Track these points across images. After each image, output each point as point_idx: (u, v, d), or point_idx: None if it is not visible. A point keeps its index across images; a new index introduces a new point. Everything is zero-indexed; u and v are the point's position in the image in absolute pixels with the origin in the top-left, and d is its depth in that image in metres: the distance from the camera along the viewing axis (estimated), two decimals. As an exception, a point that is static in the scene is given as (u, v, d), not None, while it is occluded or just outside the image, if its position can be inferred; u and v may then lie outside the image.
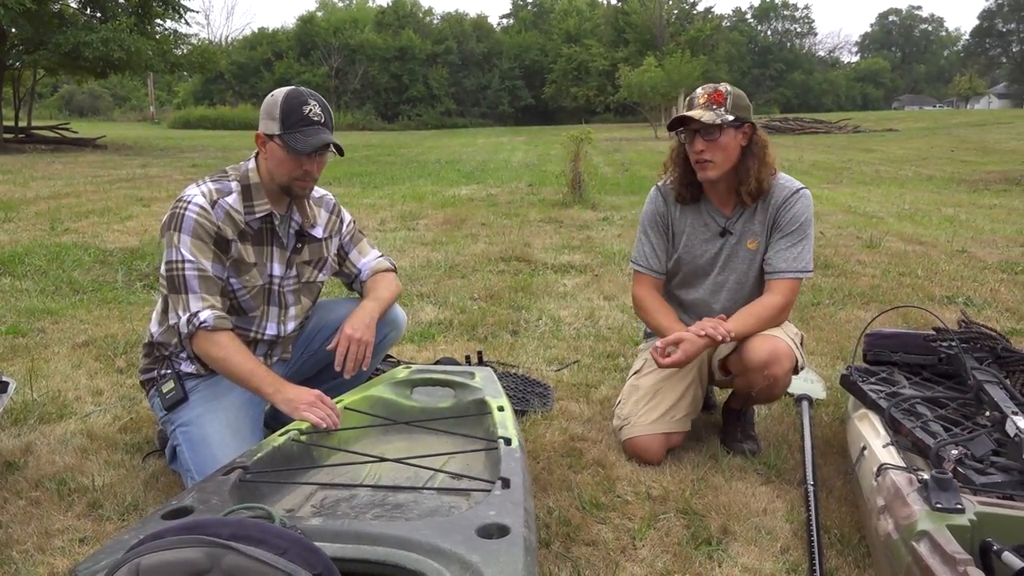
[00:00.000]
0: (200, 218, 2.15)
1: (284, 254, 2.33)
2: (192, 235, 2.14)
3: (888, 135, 26.20)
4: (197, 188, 2.21)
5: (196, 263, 2.14)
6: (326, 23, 58.47)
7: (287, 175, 2.19)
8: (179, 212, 2.16)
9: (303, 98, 2.15)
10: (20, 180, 11.48)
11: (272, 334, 2.36)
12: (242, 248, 2.24)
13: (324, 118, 2.16)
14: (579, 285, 5.09)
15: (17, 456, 2.48)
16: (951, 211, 8.60)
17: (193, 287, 2.13)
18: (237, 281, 2.25)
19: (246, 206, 2.23)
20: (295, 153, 2.13)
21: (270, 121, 2.16)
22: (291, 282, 2.37)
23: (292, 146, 2.12)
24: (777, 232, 2.49)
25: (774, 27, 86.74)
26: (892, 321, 3.97)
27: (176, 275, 2.14)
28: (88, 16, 20.82)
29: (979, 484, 1.76)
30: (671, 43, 43.28)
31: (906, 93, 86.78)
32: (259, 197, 2.24)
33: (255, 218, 2.24)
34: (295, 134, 2.12)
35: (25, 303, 4.37)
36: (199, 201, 2.17)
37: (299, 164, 2.17)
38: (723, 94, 2.38)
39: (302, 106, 2.13)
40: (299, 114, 2.12)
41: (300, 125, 2.12)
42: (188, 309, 2.12)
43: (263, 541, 1.16)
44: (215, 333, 2.12)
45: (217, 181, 2.24)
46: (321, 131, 2.15)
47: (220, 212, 2.19)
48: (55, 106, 55.77)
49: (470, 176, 13.31)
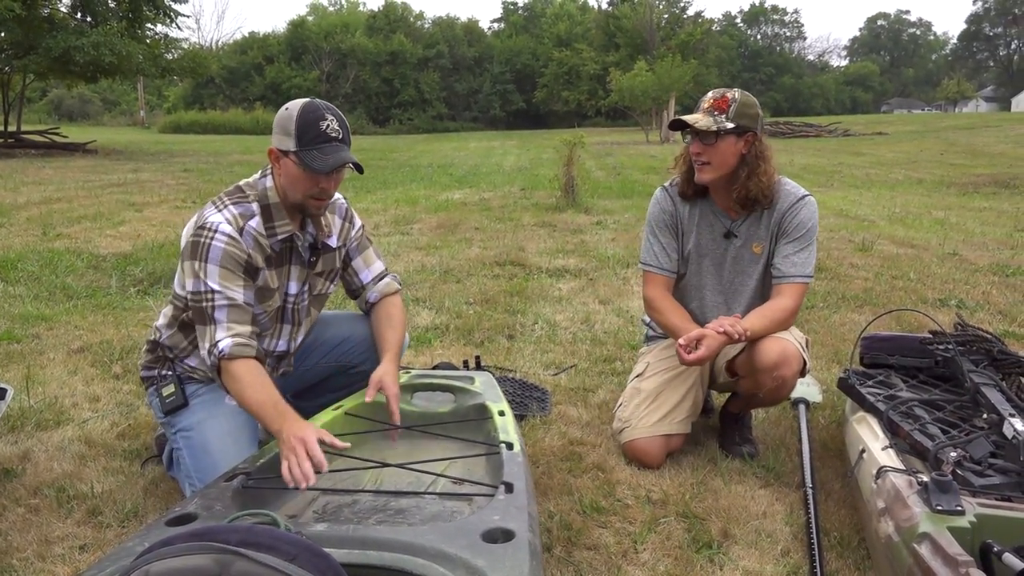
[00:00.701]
0: (230, 247, 2.05)
1: (302, 271, 2.26)
2: (221, 265, 2.04)
3: (878, 138, 26.34)
4: (220, 214, 2.09)
5: (225, 293, 2.04)
6: (317, 27, 58.40)
7: (302, 193, 2.08)
8: (206, 241, 2.04)
9: (320, 112, 2.03)
10: (10, 185, 11.42)
11: (282, 349, 2.33)
12: (268, 275, 2.16)
13: (342, 134, 2.06)
14: (574, 289, 5.10)
15: (15, 463, 2.47)
16: (942, 214, 8.66)
17: (220, 318, 2.03)
18: (259, 307, 2.18)
19: (268, 228, 2.13)
20: (312, 172, 2.02)
21: (284, 136, 2.04)
22: (305, 297, 2.31)
23: (309, 164, 2.01)
24: (784, 238, 2.50)
25: (764, 31, 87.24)
26: (886, 324, 3.99)
27: (204, 307, 2.03)
28: (78, 20, 20.74)
29: (978, 486, 1.78)
30: (662, 47, 43.43)
31: (895, 97, 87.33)
32: (280, 218, 2.15)
33: (277, 240, 2.15)
34: (312, 151, 2.01)
35: (19, 309, 4.35)
36: (226, 230, 2.06)
37: (315, 182, 2.06)
38: (728, 101, 2.39)
39: (319, 121, 2.02)
40: (316, 130, 2.01)
41: (317, 142, 2.01)
42: (212, 339, 2.02)
43: (273, 547, 1.16)
44: (232, 363, 2.00)
45: (238, 204, 2.12)
46: (339, 148, 2.05)
47: (248, 239, 2.09)
48: (44, 110, 55.43)
49: (463, 180, 13.32)
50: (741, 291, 2.59)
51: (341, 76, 54.39)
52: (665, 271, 2.61)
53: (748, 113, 2.40)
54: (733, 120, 2.37)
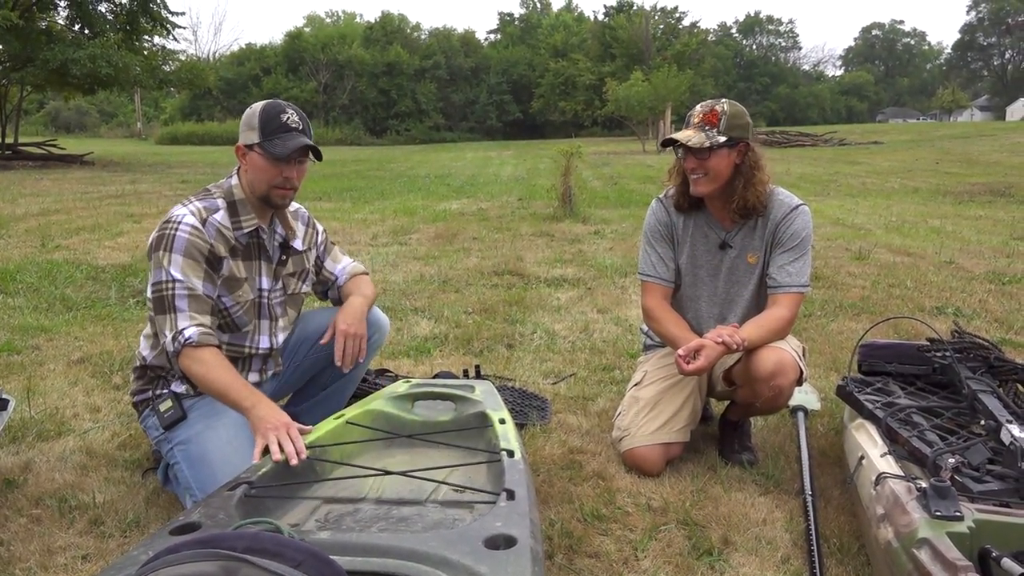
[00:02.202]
0: (192, 237, 2.15)
1: (271, 267, 2.37)
2: (184, 254, 2.14)
3: (873, 148, 26.45)
4: (185, 208, 2.21)
5: (186, 283, 2.13)
6: (314, 39, 58.62)
7: (267, 183, 2.20)
8: (170, 233, 2.15)
9: (280, 107, 2.19)
10: (8, 197, 11.43)
11: (266, 347, 2.40)
12: (233, 264, 2.26)
13: (302, 125, 2.19)
14: (572, 298, 5.12)
15: (16, 474, 2.47)
16: (937, 222, 8.70)
17: (181, 307, 2.12)
18: (229, 298, 2.26)
19: (233, 222, 2.25)
20: (274, 159, 2.15)
21: (249, 131, 2.19)
22: (278, 294, 2.41)
23: (271, 152, 2.14)
24: (778, 247, 2.52)
25: (759, 41, 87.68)
26: (884, 332, 4.01)
27: (165, 295, 2.13)
28: (76, 32, 20.80)
29: (976, 492, 1.79)
30: (657, 57, 43.71)
31: (890, 106, 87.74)
32: (245, 212, 2.26)
33: (243, 233, 2.26)
34: (274, 140, 2.15)
35: (18, 320, 4.35)
36: (190, 220, 2.17)
37: (279, 171, 2.18)
38: (718, 115, 2.40)
39: (280, 114, 2.17)
40: (277, 121, 2.16)
41: (279, 132, 2.16)
42: (175, 328, 2.10)
43: (279, 554, 1.17)
44: (198, 349, 2.09)
45: (203, 199, 2.24)
46: (299, 136, 2.18)
47: (211, 230, 2.20)
48: (41, 122, 55.54)
49: (460, 190, 13.35)
50: (736, 301, 2.61)
51: (338, 87, 54.56)
52: (663, 281, 2.63)
53: (739, 124, 2.42)
54: (725, 133, 2.39)
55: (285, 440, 1.92)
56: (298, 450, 1.90)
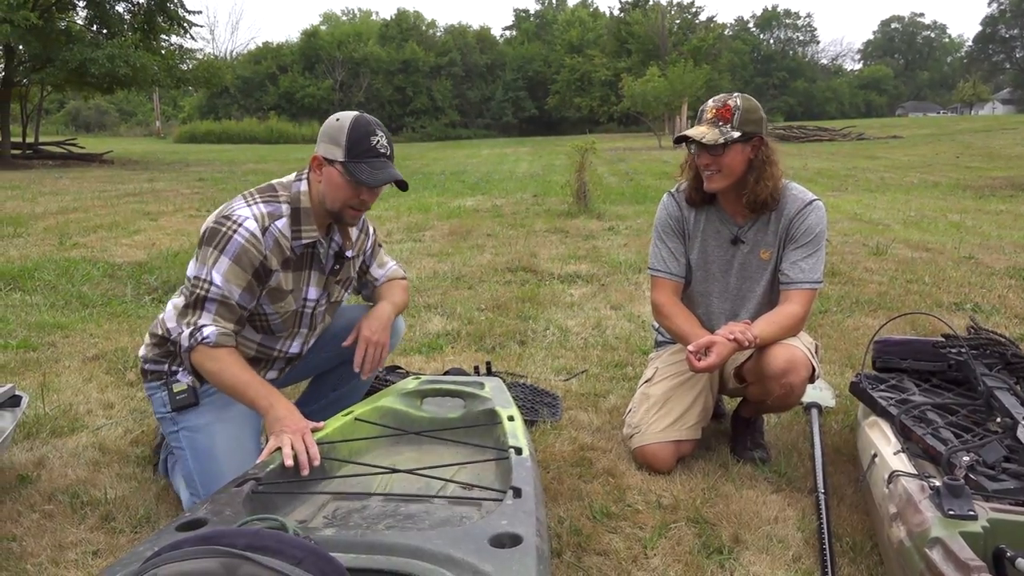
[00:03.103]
0: (248, 244, 2.07)
1: (322, 277, 2.29)
2: (233, 260, 2.06)
3: (892, 142, 26.19)
4: (248, 209, 2.10)
5: (223, 289, 2.07)
6: (330, 37, 58.86)
7: (342, 202, 2.12)
8: (227, 232, 2.06)
9: (371, 128, 2.08)
10: (28, 196, 11.55)
11: (295, 352, 2.37)
12: (283, 276, 2.18)
13: (390, 150, 2.11)
14: (586, 295, 5.10)
15: (30, 469, 2.49)
16: (957, 217, 8.59)
17: (210, 308, 2.08)
18: (271, 307, 2.20)
19: (294, 231, 2.15)
20: (358, 183, 2.07)
21: (333, 146, 2.07)
22: (323, 303, 2.35)
23: (358, 177, 2.05)
24: (791, 243, 2.49)
25: (777, 36, 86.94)
26: (900, 328, 3.96)
27: (199, 294, 2.08)
28: (94, 32, 20.99)
29: (991, 490, 1.76)
30: (674, 53, 43.47)
31: (910, 100, 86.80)
32: (308, 223, 2.17)
33: (300, 244, 2.17)
34: (361, 164, 2.06)
35: (35, 317, 4.40)
36: (250, 226, 2.07)
37: (357, 194, 2.10)
38: (731, 109, 2.37)
39: (370, 136, 2.07)
40: (367, 144, 2.06)
41: (367, 156, 2.06)
42: (195, 324, 2.06)
43: (279, 551, 1.16)
44: (215, 349, 2.05)
45: (268, 203, 2.14)
46: (388, 165, 2.10)
47: (270, 240, 2.11)
48: (62, 122, 56.16)
49: (475, 187, 13.35)
50: (748, 297, 2.58)
51: (354, 85, 54.77)
52: (674, 276, 2.60)
53: (752, 119, 2.39)
54: (739, 128, 2.36)
55: (300, 446, 1.88)
56: (311, 457, 1.87)
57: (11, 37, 17.32)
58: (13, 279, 5.34)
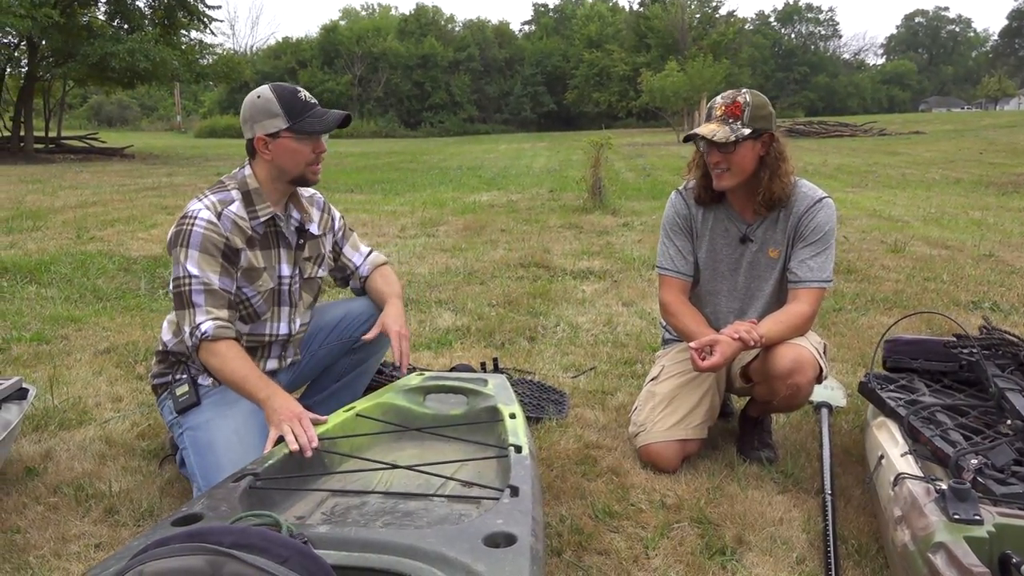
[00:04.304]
0: (208, 231, 2.16)
1: (291, 253, 2.37)
2: (200, 249, 2.15)
3: (915, 138, 25.87)
4: (200, 202, 2.22)
5: (202, 278, 2.15)
6: (349, 32, 59.03)
7: (303, 163, 2.22)
8: (186, 228, 2.17)
9: (291, 88, 2.21)
10: (49, 190, 11.68)
11: (284, 333, 2.41)
12: (251, 255, 2.26)
13: (317, 100, 2.24)
14: (598, 291, 5.07)
15: (37, 462, 2.51)
16: (979, 214, 8.47)
17: (198, 302, 2.14)
18: (250, 288, 2.28)
19: (249, 211, 2.25)
20: (311, 137, 2.18)
21: (270, 119, 2.18)
22: (297, 280, 2.42)
23: (310, 130, 2.17)
24: (800, 241, 2.45)
25: (798, 30, 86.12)
26: (916, 327, 3.91)
27: (183, 291, 2.15)
28: (115, 27, 21.19)
29: (999, 494, 1.73)
30: (693, 47, 43.15)
31: (933, 95, 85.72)
32: (261, 201, 2.26)
33: (259, 222, 2.27)
34: (305, 119, 2.17)
35: (50, 311, 4.44)
36: (205, 215, 2.18)
37: (313, 148, 2.21)
38: (741, 106, 2.32)
39: (296, 94, 2.19)
40: (299, 102, 2.18)
41: (305, 111, 2.18)
42: (193, 323, 2.13)
43: (265, 550, 1.16)
44: (215, 343, 2.11)
45: (217, 192, 2.25)
46: (326, 111, 2.22)
47: (227, 223, 2.20)
48: (84, 116, 56.76)
49: (491, 182, 13.33)
50: (757, 297, 2.54)
51: (373, 80, 54.88)
52: (681, 275, 2.57)
53: (762, 115, 2.34)
54: (749, 125, 2.32)
55: (299, 430, 1.93)
56: (310, 439, 1.91)
57: (34, 32, 17.50)
58: (30, 272, 5.39)
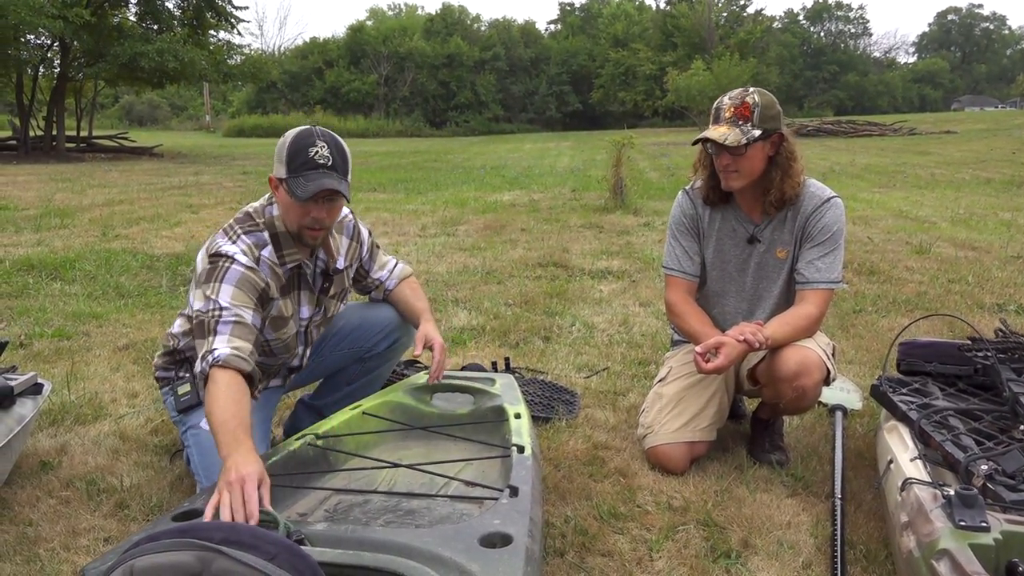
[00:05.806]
0: (248, 273, 2.03)
1: (312, 295, 2.28)
2: (236, 286, 1.99)
3: (946, 137, 25.47)
4: (235, 245, 2.05)
5: (234, 310, 1.96)
6: (376, 31, 59.32)
7: (296, 223, 2.06)
8: (222, 266, 2.01)
9: (311, 139, 1.99)
10: (77, 188, 11.87)
11: (296, 365, 2.40)
12: (282, 304, 2.17)
13: (332, 160, 1.99)
14: (615, 291, 5.05)
15: (52, 456, 2.55)
16: (1009, 215, 8.31)
17: (222, 331, 1.93)
18: (273, 335, 2.20)
19: (279, 256, 2.13)
20: (297, 199, 1.97)
21: (278, 164, 2.02)
22: (318, 317, 2.34)
23: (293, 191, 1.96)
24: (808, 242, 2.41)
25: (827, 28, 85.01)
26: (937, 330, 3.84)
27: (207, 321, 1.95)
28: (145, 28, 21.50)
29: (1009, 501, 1.69)
30: (720, 46, 42.83)
31: (966, 94, 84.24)
32: (288, 246, 2.13)
33: (286, 268, 2.15)
34: (298, 178, 1.97)
35: (72, 307, 4.51)
36: (243, 260, 2.03)
37: (306, 211, 2.02)
38: (750, 107, 2.29)
39: (308, 148, 1.97)
40: (304, 156, 1.97)
41: (304, 169, 1.96)
42: (210, 347, 1.91)
43: (254, 547, 1.17)
44: (220, 371, 1.85)
45: (249, 233, 2.09)
46: (325, 176, 1.97)
47: (265, 269, 2.09)
48: (116, 116, 57.67)
49: (514, 182, 13.33)
50: (765, 297, 2.51)
51: (399, 79, 55.12)
52: (687, 275, 2.55)
53: (771, 114, 2.31)
54: (759, 126, 2.28)
55: (237, 499, 1.54)
56: (248, 514, 1.51)
57: (66, 33, 17.81)
58: (55, 269, 5.49)
